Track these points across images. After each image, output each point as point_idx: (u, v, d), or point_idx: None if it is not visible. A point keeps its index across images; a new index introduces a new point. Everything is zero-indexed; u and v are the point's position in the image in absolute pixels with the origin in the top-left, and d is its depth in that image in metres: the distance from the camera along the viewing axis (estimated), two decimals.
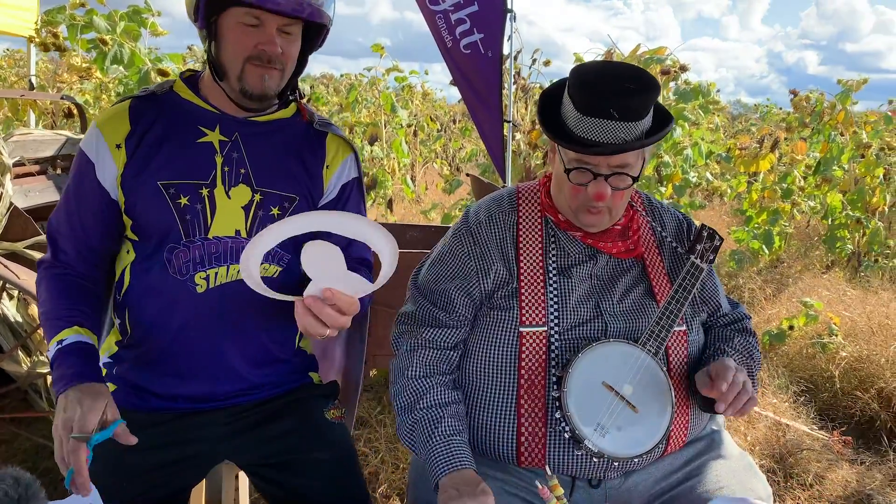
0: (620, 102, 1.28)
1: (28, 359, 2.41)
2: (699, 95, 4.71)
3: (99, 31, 4.15)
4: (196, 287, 1.36)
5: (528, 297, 1.42)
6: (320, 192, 1.47)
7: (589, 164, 1.35)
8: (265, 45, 1.30)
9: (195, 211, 1.35)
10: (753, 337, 1.57)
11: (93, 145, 1.37)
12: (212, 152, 1.37)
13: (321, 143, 1.48)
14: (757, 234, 5.60)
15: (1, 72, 10.68)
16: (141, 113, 1.38)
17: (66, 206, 1.40)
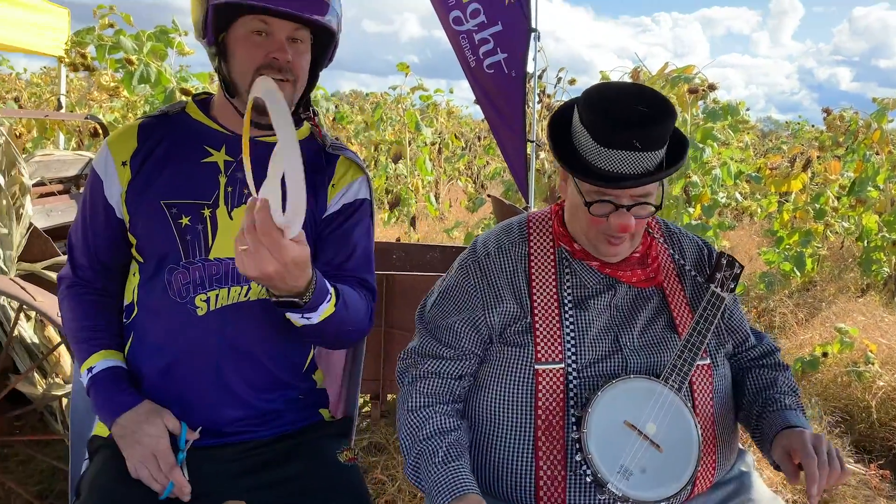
0: (643, 133, 1.21)
1: (44, 380, 2.39)
2: (728, 115, 4.61)
3: (126, 52, 4.20)
4: (197, 309, 1.33)
5: (543, 333, 1.35)
6: (323, 208, 1.44)
7: (610, 196, 1.28)
8: (276, 53, 1.29)
9: (196, 231, 1.33)
10: (788, 371, 1.49)
11: (102, 162, 1.39)
12: (216, 172, 1.36)
13: (331, 163, 1.46)
14: (788, 256, 5.45)
15: (36, 89, 10.93)
16: (149, 132, 1.39)
17: (80, 221, 1.43)
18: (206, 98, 1.46)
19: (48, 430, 2.51)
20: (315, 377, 1.52)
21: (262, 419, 1.41)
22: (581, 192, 1.31)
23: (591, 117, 1.25)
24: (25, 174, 2.46)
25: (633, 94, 1.28)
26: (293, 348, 1.44)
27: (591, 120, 1.25)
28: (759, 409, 1.40)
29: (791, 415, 1.36)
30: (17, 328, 2.33)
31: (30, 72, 11.83)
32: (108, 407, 1.31)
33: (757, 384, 1.46)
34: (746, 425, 1.45)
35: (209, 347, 1.34)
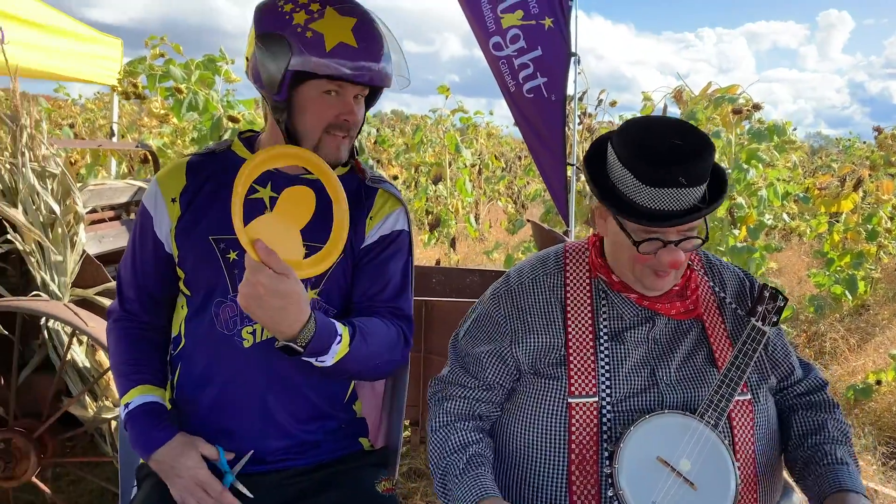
0: (688, 169, 1.20)
1: (94, 403, 2.46)
2: (774, 135, 4.52)
3: (176, 80, 4.35)
4: (243, 342, 1.37)
5: (577, 365, 1.34)
6: (361, 240, 1.47)
7: (657, 234, 1.27)
8: (347, 116, 1.36)
9: (243, 266, 1.34)
10: (838, 410, 1.44)
11: (152, 199, 1.43)
12: (262, 208, 1.40)
13: (370, 196, 1.50)
14: (839, 279, 5.29)
15: (90, 115, 11.33)
16: (197, 169, 1.44)
17: (130, 254, 1.47)
18: (251, 136, 1.50)
19: (98, 452, 2.57)
20: (355, 407, 1.54)
21: (303, 449, 1.44)
22: (627, 232, 1.29)
23: (633, 158, 1.23)
24: (80, 203, 2.55)
25: (671, 130, 1.26)
26: (336, 381, 1.46)
27: (633, 160, 1.23)
28: (807, 457, 1.35)
29: (843, 473, 1.30)
30: (70, 352, 2.41)
31: (84, 98, 12.28)
32: (143, 442, 1.36)
33: (803, 428, 1.40)
34: (791, 470, 1.40)
35: (254, 378, 1.38)
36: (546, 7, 3.27)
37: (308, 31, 1.28)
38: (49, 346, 2.45)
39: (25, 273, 2.54)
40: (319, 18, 1.29)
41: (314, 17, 1.29)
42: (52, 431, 2.38)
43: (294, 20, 1.29)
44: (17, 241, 2.39)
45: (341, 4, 1.33)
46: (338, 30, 1.29)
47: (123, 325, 1.47)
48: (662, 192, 1.21)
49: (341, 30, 1.29)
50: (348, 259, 1.45)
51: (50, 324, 2.44)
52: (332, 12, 1.30)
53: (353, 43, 1.29)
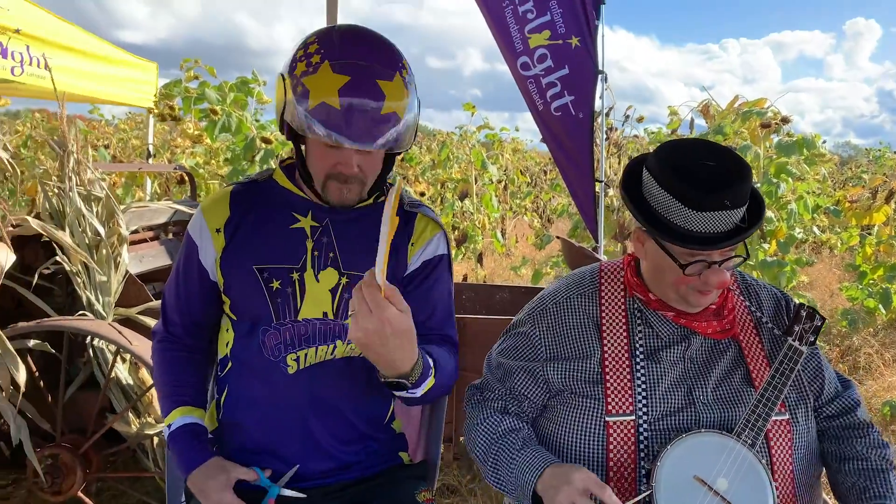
0: (733, 192, 1.23)
1: (138, 420, 2.53)
2: (803, 149, 4.50)
3: (210, 102, 4.46)
4: (287, 368, 1.40)
5: (614, 384, 1.36)
6: (403, 267, 1.48)
7: (702, 256, 1.29)
8: (342, 167, 1.32)
9: (286, 294, 1.40)
10: (874, 430, 1.44)
11: (197, 228, 1.46)
12: (303, 237, 1.42)
13: (409, 222, 1.50)
14: (872, 292, 5.22)
15: (123, 135, 11.60)
16: (240, 200, 1.46)
17: (175, 281, 1.50)
18: (291, 164, 1.52)
19: (139, 467, 2.64)
20: (394, 426, 1.58)
21: (345, 471, 1.48)
22: (673, 256, 1.31)
23: (677, 183, 1.25)
24: (123, 225, 2.64)
25: (707, 152, 1.30)
26: (375, 402, 1.50)
27: (677, 185, 1.25)
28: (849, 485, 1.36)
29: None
30: (114, 370, 2.48)
31: (117, 118, 12.58)
32: (182, 462, 1.40)
33: (840, 453, 1.41)
34: (835, 493, 1.41)
35: (298, 402, 1.42)
36: (573, 26, 3.31)
37: (300, 84, 1.25)
38: (94, 363, 2.53)
39: (71, 293, 2.63)
40: (312, 73, 1.24)
41: (308, 72, 1.24)
42: (96, 447, 2.45)
43: (296, 69, 1.27)
44: (64, 263, 2.48)
45: (339, 59, 1.24)
46: (324, 88, 1.22)
47: (167, 346, 1.51)
48: (708, 215, 1.23)
49: (327, 88, 1.22)
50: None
51: (95, 342, 2.52)
52: (326, 68, 1.23)
53: (335, 105, 1.22)
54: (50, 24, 3.95)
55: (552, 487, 1.24)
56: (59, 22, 4.05)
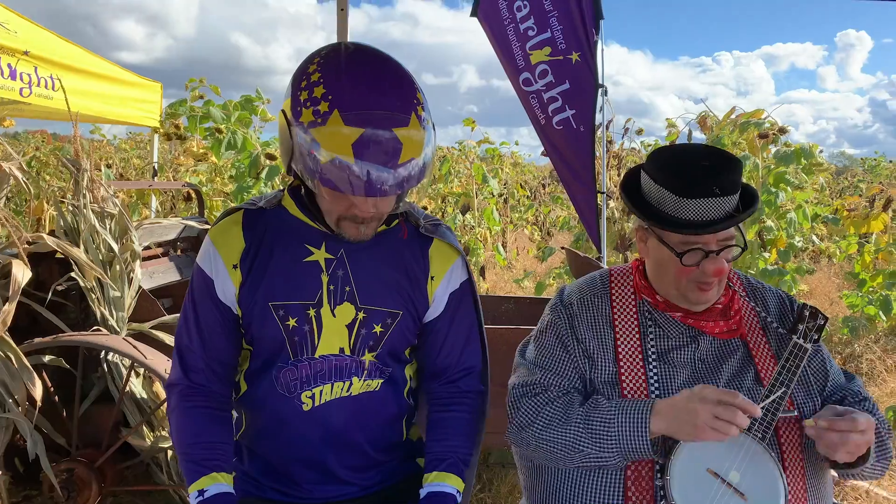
0: (721, 179, 1.32)
1: (151, 434, 2.56)
2: (801, 158, 4.56)
3: (216, 121, 4.53)
4: (302, 405, 1.38)
5: (630, 384, 1.41)
6: (425, 305, 1.45)
7: (699, 244, 1.36)
8: (358, 211, 1.26)
9: (303, 332, 1.36)
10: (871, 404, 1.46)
11: (210, 263, 1.38)
12: (318, 271, 1.37)
13: (425, 254, 1.45)
14: (872, 299, 5.26)
15: (125, 154, 11.66)
16: (252, 227, 1.39)
17: (193, 321, 1.40)
18: (299, 188, 1.40)
19: (151, 481, 2.67)
20: (411, 435, 1.58)
21: (362, 489, 1.49)
22: (669, 246, 1.38)
23: (670, 176, 1.35)
24: (136, 241, 2.68)
25: (697, 151, 1.41)
26: (390, 432, 1.48)
27: (671, 178, 1.35)
28: None
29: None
30: (129, 384, 2.51)
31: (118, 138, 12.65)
32: None
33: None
34: None
35: (313, 438, 1.41)
36: (573, 42, 3.39)
37: (308, 135, 1.16)
38: (108, 378, 2.56)
39: (85, 309, 2.67)
40: (322, 125, 1.14)
41: (317, 122, 1.15)
42: (111, 461, 2.48)
43: (302, 115, 1.17)
44: (79, 279, 2.52)
45: (350, 110, 1.14)
46: (336, 144, 1.14)
47: (190, 400, 1.39)
48: (700, 202, 1.32)
49: (340, 145, 1.13)
50: (409, 319, 1.44)
51: (109, 357, 2.56)
52: (337, 120, 1.13)
53: (350, 160, 1.13)
54: (57, 46, 4.01)
55: (684, 413, 1.26)
56: (66, 44, 4.12)
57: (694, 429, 1.25)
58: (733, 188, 1.33)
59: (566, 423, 1.37)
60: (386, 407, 1.45)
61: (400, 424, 1.51)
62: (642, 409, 1.32)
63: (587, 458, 1.35)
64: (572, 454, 1.36)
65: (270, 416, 1.40)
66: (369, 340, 1.38)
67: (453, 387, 1.49)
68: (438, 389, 1.49)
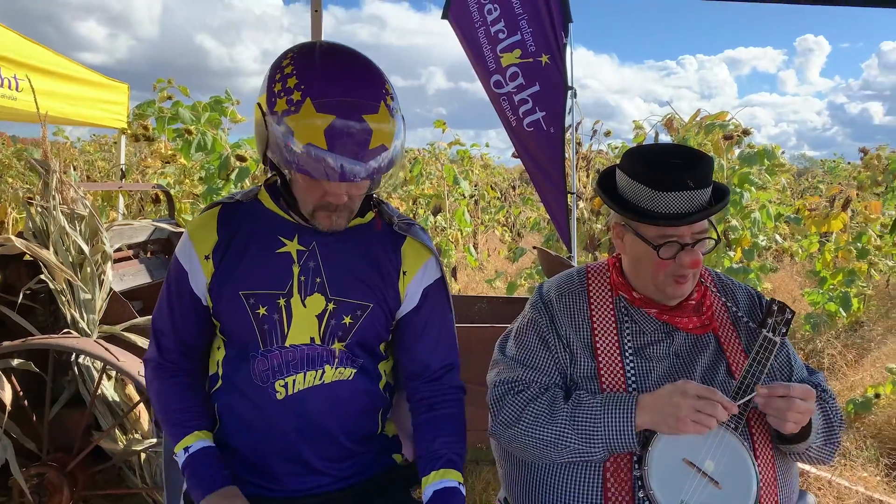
0: (693, 172, 1.37)
1: (124, 437, 2.54)
2: (764, 159, 4.69)
3: (185, 122, 4.49)
4: (276, 394, 1.40)
5: (608, 378, 1.45)
6: (396, 301, 1.48)
7: (674, 237, 1.41)
8: (331, 198, 1.31)
9: (273, 321, 1.39)
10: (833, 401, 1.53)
11: (186, 254, 1.43)
12: (290, 262, 1.40)
13: (397, 250, 1.48)
14: (833, 297, 5.42)
15: (89, 156, 11.46)
16: (227, 222, 1.43)
17: (166, 307, 1.47)
18: (276, 183, 1.45)
19: (124, 485, 2.64)
20: (387, 431, 1.60)
21: (337, 481, 1.50)
22: (646, 240, 1.43)
23: (646, 172, 1.41)
24: (107, 243, 2.65)
25: (670, 148, 1.48)
26: (364, 422, 1.50)
27: (645, 173, 1.40)
28: None
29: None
30: (101, 387, 2.49)
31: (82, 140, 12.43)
32: (201, 485, 1.38)
33: None
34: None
35: (287, 428, 1.42)
36: (543, 44, 3.44)
37: (282, 124, 1.22)
38: (79, 381, 2.53)
39: (54, 312, 2.64)
40: (295, 112, 1.20)
41: (290, 111, 1.21)
42: (82, 465, 2.45)
43: (276, 105, 1.23)
44: (49, 281, 2.49)
45: (322, 98, 1.21)
46: (309, 130, 1.20)
47: (166, 373, 1.47)
48: (675, 195, 1.37)
49: (313, 131, 1.19)
50: (380, 313, 1.46)
51: (80, 360, 2.53)
52: (309, 107, 1.20)
53: (322, 145, 1.19)
54: (21, 46, 3.94)
55: (667, 406, 1.32)
56: (30, 44, 4.05)
57: (676, 422, 1.31)
58: (706, 182, 1.40)
59: (552, 420, 1.41)
60: (360, 396, 1.47)
61: (375, 416, 1.53)
62: (627, 404, 1.37)
63: (574, 454, 1.39)
64: (559, 451, 1.40)
65: (246, 407, 1.42)
66: (338, 331, 1.41)
67: (436, 385, 1.51)
68: (422, 389, 1.51)
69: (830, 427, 1.47)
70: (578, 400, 1.41)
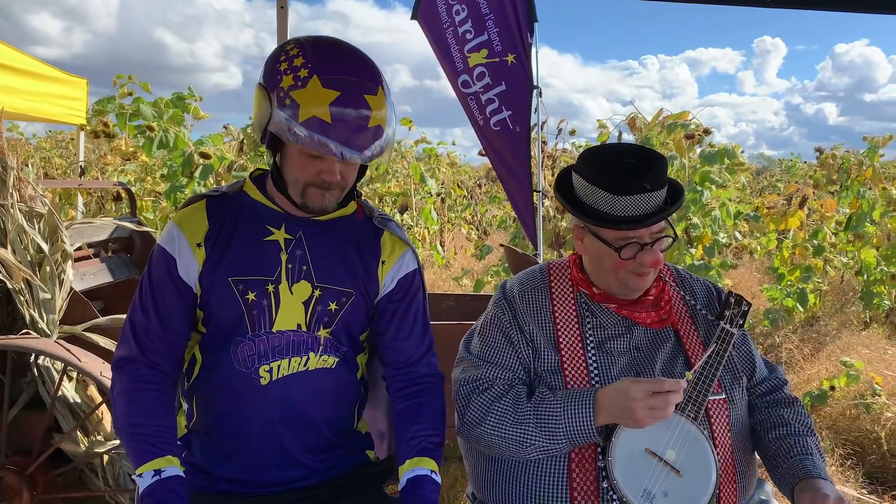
0: (651, 175, 1.40)
1: (86, 439, 2.49)
2: (724, 158, 4.79)
3: (147, 119, 4.41)
4: (260, 379, 1.41)
5: (572, 372, 1.48)
6: (375, 288, 1.51)
7: (634, 238, 1.44)
8: (326, 175, 1.35)
9: (261, 306, 1.41)
10: (799, 403, 1.59)
11: (173, 242, 1.42)
12: (277, 250, 1.44)
13: (377, 240, 1.53)
14: (790, 292, 5.56)
15: (45, 153, 11.18)
16: (217, 211, 1.45)
17: (149, 299, 1.42)
18: (261, 175, 1.52)
19: (86, 487, 2.59)
20: (360, 427, 1.62)
21: (314, 474, 1.51)
22: (607, 242, 1.46)
23: (603, 176, 1.43)
24: (67, 241, 2.60)
25: (625, 150, 1.50)
26: (344, 412, 1.53)
27: (602, 177, 1.43)
28: (774, 450, 1.50)
29: (808, 462, 1.45)
30: (62, 388, 2.44)
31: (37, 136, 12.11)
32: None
33: (767, 423, 1.55)
34: (764, 463, 1.55)
35: (270, 414, 1.43)
36: (509, 44, 3.47)
37: (287, 97, 1.27)
38: (39, 383, 2.47)
39: (12, 311, 2.57)
40: (301, 87, 1.27)
41: (297, 86, 1.27)
42: (43, 468, 2.40)
43: (282, 81, 1.29)
44: (6, 280, 2.43)
45: (328, 75, 1.28)
46: (315, 102, 1.26)
47: (146, 378, 1.39)
48: (632, 199, 1.40)
49: (319, 103, 1.26)
50: (361, 301, 1.50)
51: (40, 361, 2.47)
52: (316, 83, 1.27)
53: (327, 118, 1.26)
54: None
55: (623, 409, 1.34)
56: None
57: (635, 422, 1.34)
58: (661, 183, 1.43)
59: (516, 420, 1.43)
60: (341, 386, 1.49)
61: (353, 408, 1.55)
62: (587, 402, 1.39)
63: (539, 451, 1.42)
64: (525, 448, 1.42)
65: (228, 394, 1.43)
66: (324, 317, 1.44)
67: (415, 373, 1.54)
68: (401, 378, 1.53)
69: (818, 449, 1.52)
70: (541, 398, 1.44)
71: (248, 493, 1.46)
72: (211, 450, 1.47)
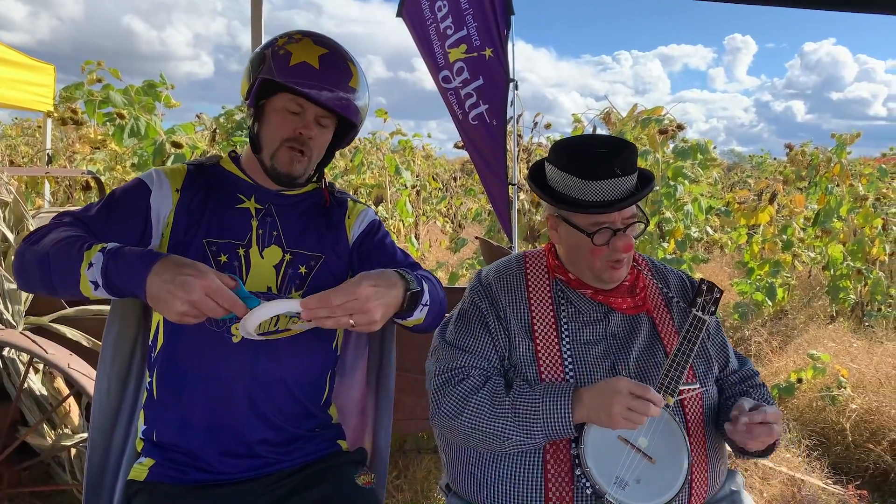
0: (620, 161, 1.43)
1: (53, 432, 2.44)
2: (697, 153, 4.84)
3: (116, 106, 4.31)
4: (232, 337, 1.45)
5: (546, 360, 1.49)
6: (345, 243, 1.62)
7: (606, 223, 1.47)
8: (303, 130, 1.49)
9: (233, 268, 1.47)
10: (766, 389, 1.63)
11: (153, 178, 1.49)
12: (248, 217, 1.53)
13: (342, 204, 1.66)
14: (760, 286, 5.65)
15: (10, 140, 10.92)
16: (194, 176, 1.54)
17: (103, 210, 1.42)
18: (235, 155, 1.63)
19: (52, 481, 2.54)
20: (331, 412, 1.64)
21: (288, 445, 1.53)
22: (580, 228, 1.48)
23: (573, 163, 1.46)
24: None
25: (594, 138, 1.56)
26: (316, 378, 1.57)
27: (574, 164, 1.46)
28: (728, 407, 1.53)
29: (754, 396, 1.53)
30: (27, 380, 2.39)
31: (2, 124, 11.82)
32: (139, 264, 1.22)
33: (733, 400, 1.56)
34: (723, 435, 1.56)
35: (242, 373, 1.46)
36: (486, 38, 3.47)
37: (282, 49, 1.45)
38: (3, 375, 2.42)
39: None
40: (296, 43, 1.46)
41: (292, 41, 1.47)
42: (7, 462, 2.35)
43: (277, 42, 1.48)
44: None
45: (320, 38, 1.49)
46: (306, 53, 1.45)
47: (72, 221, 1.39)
48: (603, 184, 1.43)
49: (309, 53, 1.45)
50: (331, 262, 1.57)
51: (5, 352, 2.42)
52: (308, 41, 1.48)
53: (315, 64, 1.44)
54: None
55: (600, 404, 1.35)
56: None
57: (609, 419, 1.34)
58: (631, 169, 1.46)
59: (494, 414, 1.43)
60: (312, 348, 1.54)
61: (325, 375, 1.59)
62: (565, 397, 1.39)
63: (515, 445, 1.42)
64: (502, 442, 1.43)
65: (198, 354, 1.45)
66: (295, 279, 1.52)
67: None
68: None
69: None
70: (518, 392, 1.44)
71: (220, 480, 1.45)
72: (181, 418, 1.46)
